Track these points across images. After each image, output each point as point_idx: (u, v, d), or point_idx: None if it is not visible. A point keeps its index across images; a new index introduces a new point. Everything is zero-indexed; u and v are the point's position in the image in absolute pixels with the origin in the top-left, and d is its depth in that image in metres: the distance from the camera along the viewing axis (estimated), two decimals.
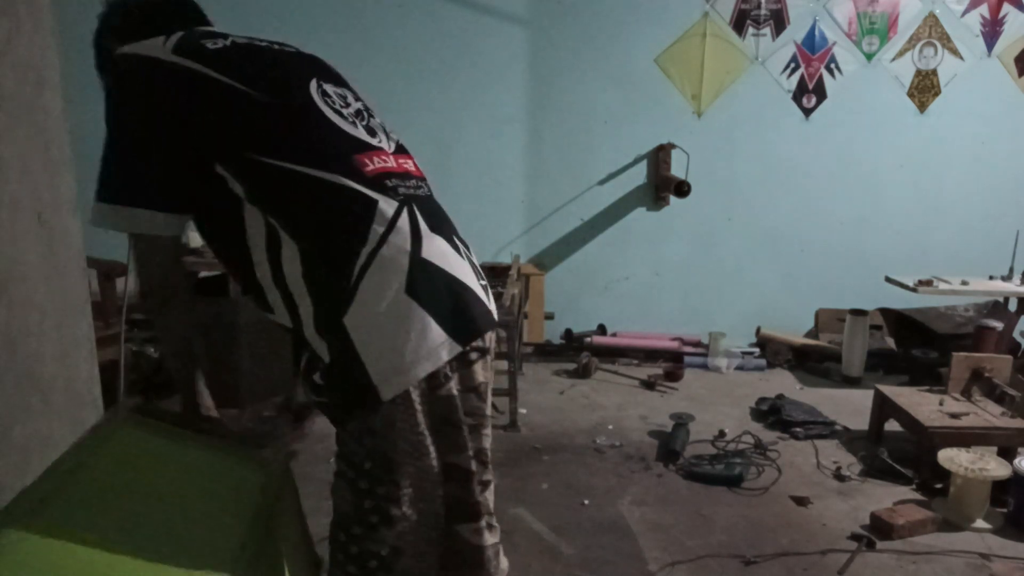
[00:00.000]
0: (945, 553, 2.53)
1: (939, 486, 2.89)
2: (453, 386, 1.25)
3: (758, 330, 4.74)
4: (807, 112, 4.66)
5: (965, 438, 2.95)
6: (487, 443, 1.37)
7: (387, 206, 1.22)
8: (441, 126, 4.55)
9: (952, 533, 2.66)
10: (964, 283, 3.98)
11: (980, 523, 2.70)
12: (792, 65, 4.59)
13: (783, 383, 4.25)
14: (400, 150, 1.38)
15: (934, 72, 4.63)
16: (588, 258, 4.76)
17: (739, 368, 4.47)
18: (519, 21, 4.48)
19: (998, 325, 3.95)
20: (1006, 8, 4.57)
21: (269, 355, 3.39)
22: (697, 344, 4.68)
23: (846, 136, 4.67)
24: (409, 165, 1.37)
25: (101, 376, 2.23)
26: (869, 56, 4.60)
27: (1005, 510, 2.75)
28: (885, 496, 2.92)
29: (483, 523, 1.35)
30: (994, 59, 4.63)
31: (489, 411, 1.37)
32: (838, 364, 4.37)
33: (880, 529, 2.64)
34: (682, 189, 4.40)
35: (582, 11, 4.47)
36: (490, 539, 1.37)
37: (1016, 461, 2.73)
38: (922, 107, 4.67)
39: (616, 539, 2.60)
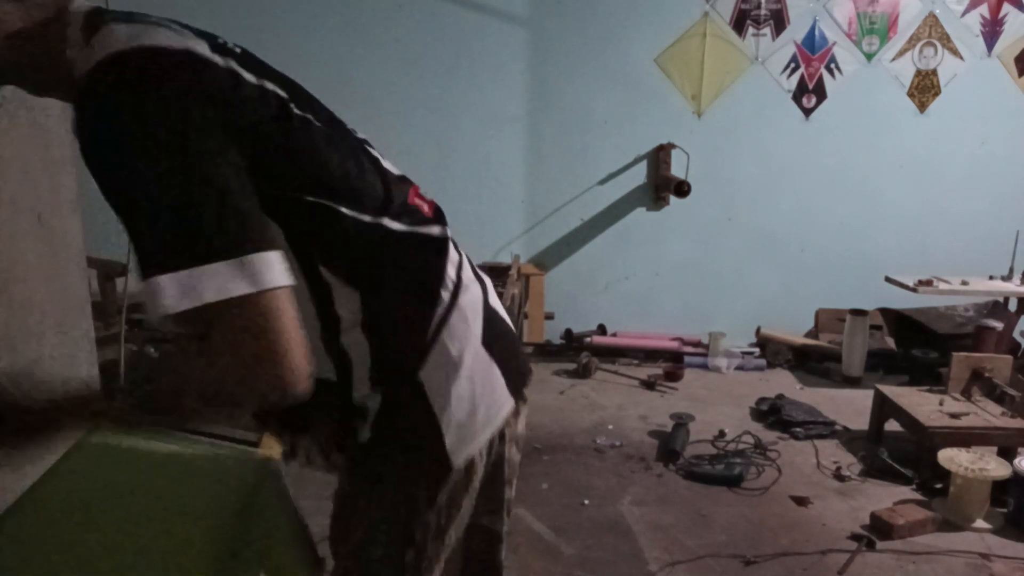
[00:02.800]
0: (945, 553, 2.53)
1: (939, 486, 2.89)
2: (506, 445, 1.17)
3: (758, 330, 4.73)
4: (807, 112, 4.66)
5: (965, 438, 2.95)
6: (513, 492, 1.28)
7: (453, 248, 1.10)
8: (440, 126, 4.55)
9: (952, 533, 2.66)
10: (964, 283, 3.97)
11: (980, 523, 2.70)
12: (792, 65, 4.59)
13: (783, 383, 4.25)
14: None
15: (934, 72, 4.63)
16: (588, 258, 4.76)
17: (739, 368, 4.47)
18: (518, 21, 4.48)
19: (998, 325, 3.95)
20: (1006, 8, 4.57)
21: None
22: (697, 344, 4.68)
23: (846, 136, 4.66)
24: None
25: (101, 376, 2.23)
26: (869, 56, 4.60)
27: (1005, 510, 2.75)
28: (885, 496, 2.92)
29: None
30: (994, 59, 4.62)
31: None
32: (838, 364, 4.36)
33: (880, 529, 2.64)
34: (682, 189, 4.39)
35: (582, 11, 4.47)
36: None
37: (1016, 461, 2.73)
38: (922, 107, 4.67)
39: (616, 539, 2.60)
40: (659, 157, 4.62)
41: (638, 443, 3.40)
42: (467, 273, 1.10)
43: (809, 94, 4.63)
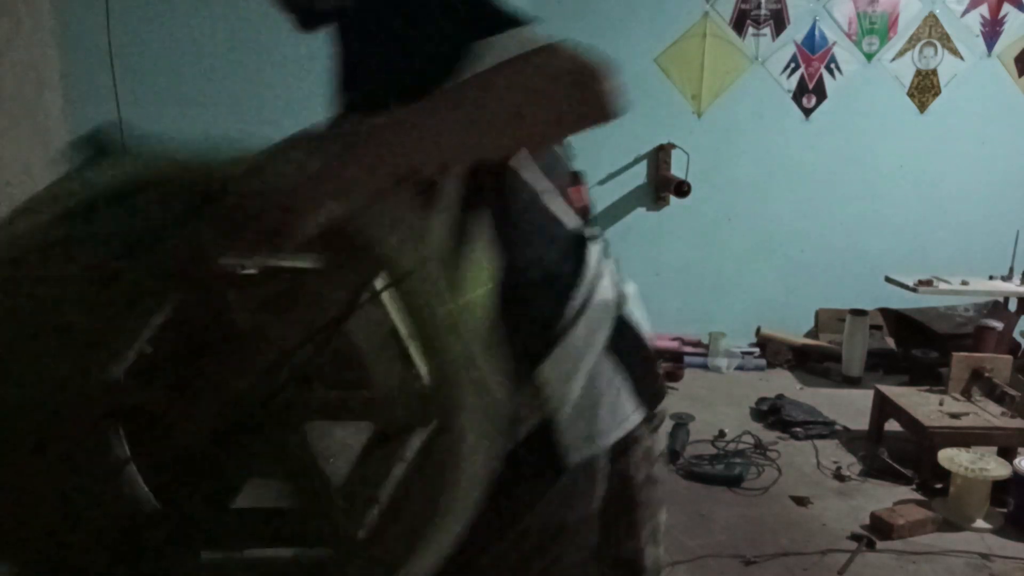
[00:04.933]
0: (945, 553, 2.53)
1: (939, 486, 2.89)
2: (635, 459, 1.08)
3: (758, 330, 4.73)
4: (807, 112, 4.66)
5: (965, 438, 2.95)
6: (660, 520, 1.13)
7: (595, 248, 1.08)
8: None
9: (952, 533, 2.66)
10: (964, 283, 3.98)
11: (980, 523, 2.70)
12: (792, 65, 4.59)
13: (783, 383, 4.25)
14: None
15: (934, 72, 4.63)
16: None
17: (739, 368, 4.47)
18: None
19: (998, 325, 3.95)
20: (1006, 8, 4.57)
21: None
22: (697, 344, 4.68)
23: (846, 136, 4.66)
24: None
25: None
26: (869, 56, 4.60)
27: (1005, 510, 2.75)
28: (885, 496, 2.92)
29: None
30: (994, 59, 4.62)
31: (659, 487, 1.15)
32: (838, 364, 4.36)
33: (880, 529, 2.64)
34: (682, 189, 4.40)
35: (582, 11, 4.46)
36: None
37: (1016, 461, 2.74)
38: (922, 107, 4.67)
39: None
40: (659, 157, 4.62)
41: None
42: (604, 277, 1.09)
43: (809, 94, 4.63)
